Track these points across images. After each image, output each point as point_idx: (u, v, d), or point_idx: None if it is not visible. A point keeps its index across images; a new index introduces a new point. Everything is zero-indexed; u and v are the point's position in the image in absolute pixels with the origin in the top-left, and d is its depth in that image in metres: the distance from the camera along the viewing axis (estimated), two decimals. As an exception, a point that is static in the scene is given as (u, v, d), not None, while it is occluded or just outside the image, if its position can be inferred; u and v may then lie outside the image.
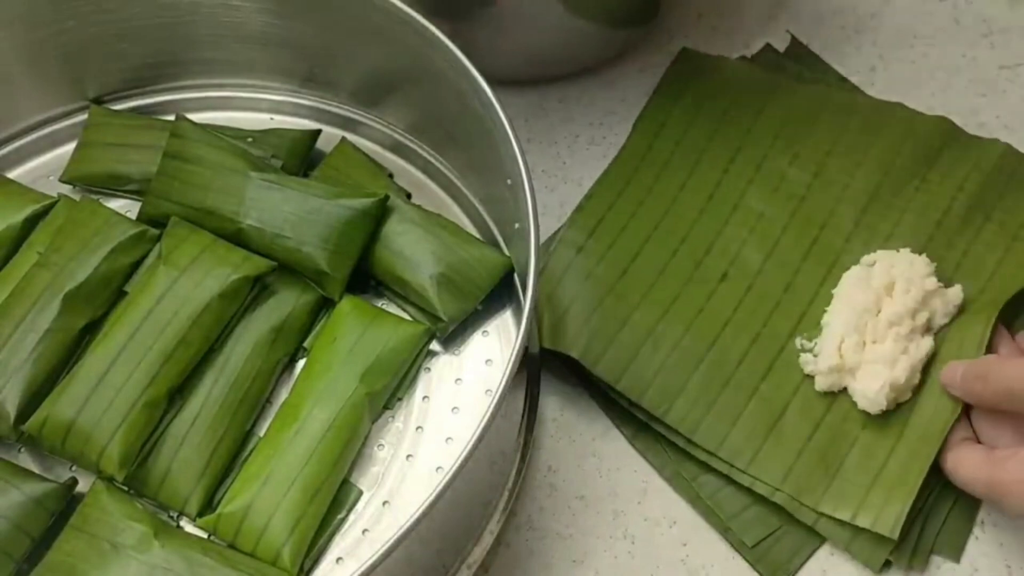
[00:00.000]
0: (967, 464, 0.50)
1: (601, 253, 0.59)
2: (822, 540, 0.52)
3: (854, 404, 0.53)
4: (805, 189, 0.60)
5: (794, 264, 0.58)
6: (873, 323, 0.53)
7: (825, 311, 0.56)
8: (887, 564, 0.51)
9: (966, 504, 0.52)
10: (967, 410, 0.52)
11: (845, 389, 0.54)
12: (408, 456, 0.51)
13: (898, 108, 0.61)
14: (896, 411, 0.53)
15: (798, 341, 0.55)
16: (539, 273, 0.48)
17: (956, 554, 0.51)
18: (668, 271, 0.58)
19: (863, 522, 0.50)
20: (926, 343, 0.53)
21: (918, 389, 0.53)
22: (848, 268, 0.57)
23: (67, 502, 0.50)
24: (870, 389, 0.52)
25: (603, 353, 0.55)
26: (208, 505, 0.50)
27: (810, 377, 0.55)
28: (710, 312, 0.56)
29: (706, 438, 0.53)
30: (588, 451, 0.55)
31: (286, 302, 0.53)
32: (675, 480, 0.54)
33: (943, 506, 0.52)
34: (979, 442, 0.51)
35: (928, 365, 0.53)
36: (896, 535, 0.50)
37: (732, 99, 0.63)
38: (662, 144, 0.62)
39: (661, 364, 0.55)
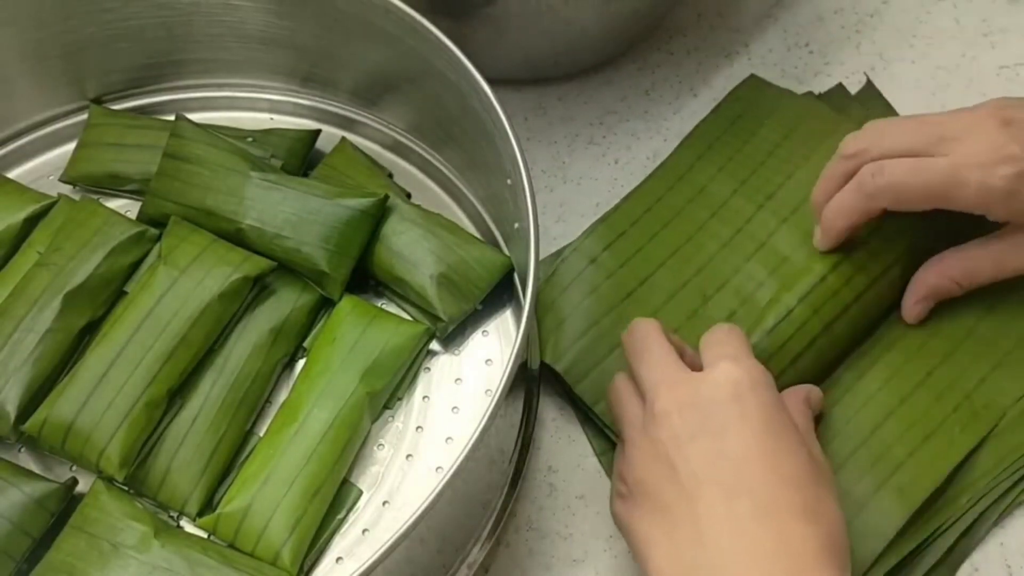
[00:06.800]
0: None
1: (612, 269, 0.57)
2: None
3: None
4: None
5: None
6: None
7: None
8: None
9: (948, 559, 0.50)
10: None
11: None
12: (408, 456, 0.51)
13: None
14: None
15: None
16: (539, 273, 0.47)
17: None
18: (674, 301, 0.56)
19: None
20: None
21: None
22: None
23: (67, 502, 0.50)
24: None
25: (587, 373, 0.54)
26: (208, 505, 0.50)
27: None
28: None
29: None
30: (588, 451, 0.55)
31: (286, 302, 0.53)
32: None
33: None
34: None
35: None
36: None
37: (786, 134, 0.60)
38: (704, 165, 0.60)
39: None
